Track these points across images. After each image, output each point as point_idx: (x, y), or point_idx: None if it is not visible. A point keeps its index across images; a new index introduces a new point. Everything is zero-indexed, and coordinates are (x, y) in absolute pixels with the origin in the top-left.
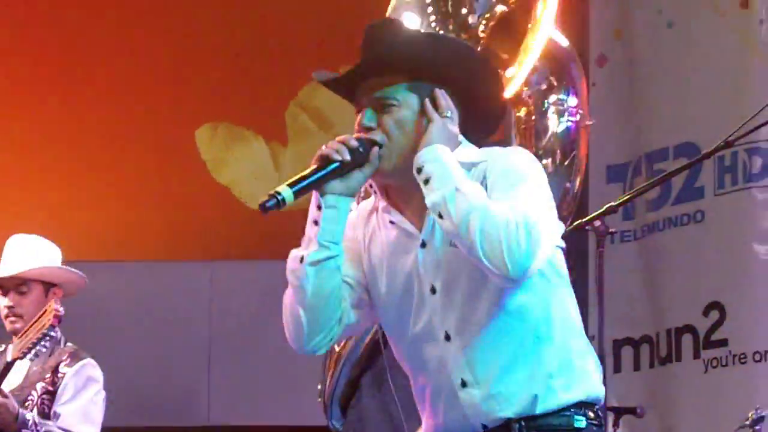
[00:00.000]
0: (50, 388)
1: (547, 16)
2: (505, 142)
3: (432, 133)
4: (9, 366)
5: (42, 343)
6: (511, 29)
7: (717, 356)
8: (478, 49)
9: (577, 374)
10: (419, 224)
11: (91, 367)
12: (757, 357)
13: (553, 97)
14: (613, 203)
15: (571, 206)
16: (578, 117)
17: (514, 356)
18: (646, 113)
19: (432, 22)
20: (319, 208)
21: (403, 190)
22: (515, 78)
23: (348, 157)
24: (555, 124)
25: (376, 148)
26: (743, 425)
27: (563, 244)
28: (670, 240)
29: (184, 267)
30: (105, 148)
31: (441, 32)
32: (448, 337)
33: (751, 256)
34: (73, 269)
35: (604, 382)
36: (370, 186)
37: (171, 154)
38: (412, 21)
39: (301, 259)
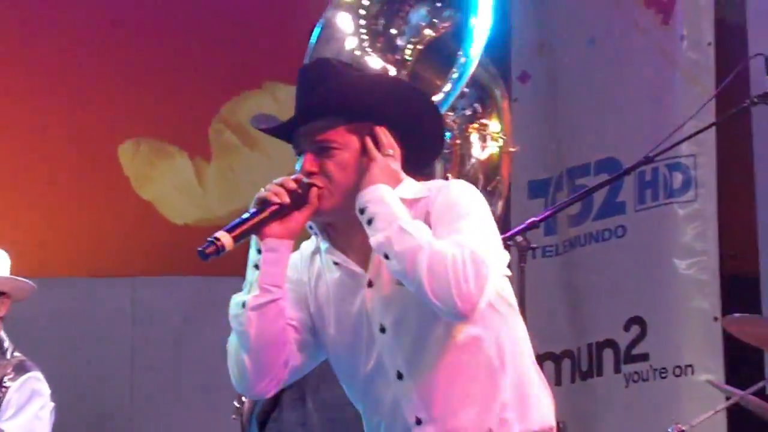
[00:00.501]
0: None
1: (475, 48)
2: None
3: (373, 172)
4: None
5: None
6: (438, 55)
7: (638, 371)
8: (405, 73)
9: (529, 404)
10: (364, 264)
11: (35, 381)
12: (678, 371)
13: (477, 123)
14: (535, 218)
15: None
16: (501, 143)
17: (467, 391)
18: (567, 129)
19: (363, 35)
20: (259, 251)
21: (345, 230)
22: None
23: (287, 200)
24: (478, 150)
25: (315, 189)
26: None
27: (509, 273)
28: (592, 255)
29: (107, 283)
30: (28, 163)
31: (371, 57)
32: (400, 376)
33: (671, 271)
34: (20, 278)
35: None
36: (310, 227)
37: (94, 170)
38: (345, 23)
39: (243, 305)
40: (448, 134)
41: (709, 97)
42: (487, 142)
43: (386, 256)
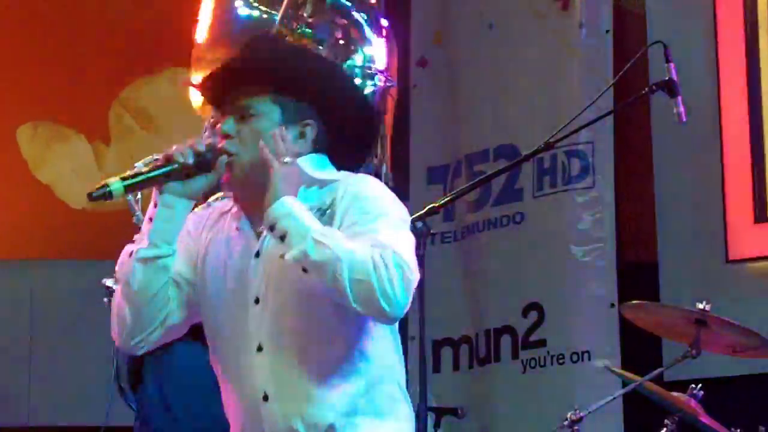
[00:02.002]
0: None
1: None
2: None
3: (276, 184)
4: None
5: None
6: None
7: (535, 356)
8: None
9: (383, 416)
10: (260, 233)
11: None
12: (575, 357)
13: (359, 60)
14: (434, 204)
15: (385, 179)
16: (384, 81)
17: (318, 381)
18: (466, 115)
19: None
20: (155, 205)
21: (251, 201)
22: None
23: (191, 161)
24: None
25: (223, 157)
26: (562, 425)
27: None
28: (490, 241)
29: (3, 266)
30: None
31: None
32: (260, 348)
33: (569, 258)
34: None
35: (425, 383)
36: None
37: None
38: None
39: (131, 254)
40: None
41: (608, 84)
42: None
43: (304, 270)
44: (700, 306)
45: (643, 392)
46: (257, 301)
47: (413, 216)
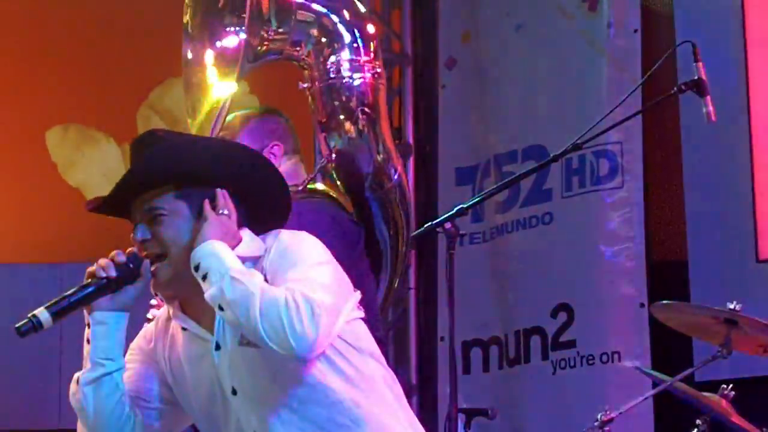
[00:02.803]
0: None
1: None
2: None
3: (205, 230)
4: None
5: None
6: None
7: (565, 357)
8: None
9: None
10: (211, 327)
11: None
12: (605, 358)
13: (345, 54)
14: (463, 205)
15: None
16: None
17: None
18: (494, 116)
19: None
20: (88, 326)
21: (189, 297)
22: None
23: (113, 274)
24: (348, 82)
25: (146, 262)
26: (592, 427)
27: (361, 314)
28: (519, 242)
29: (34, 269)
30: None
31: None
32: None
33: (597, 258)
34: None
35: (455, 383)
36: (155, 294)
37: (21, 156)
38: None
39: (77, 380)
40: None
41: (636, 84)
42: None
43: (220, 308)
44: (731, 306)
45: (674, 393)
46: (234, 392)
47: (441, 217)
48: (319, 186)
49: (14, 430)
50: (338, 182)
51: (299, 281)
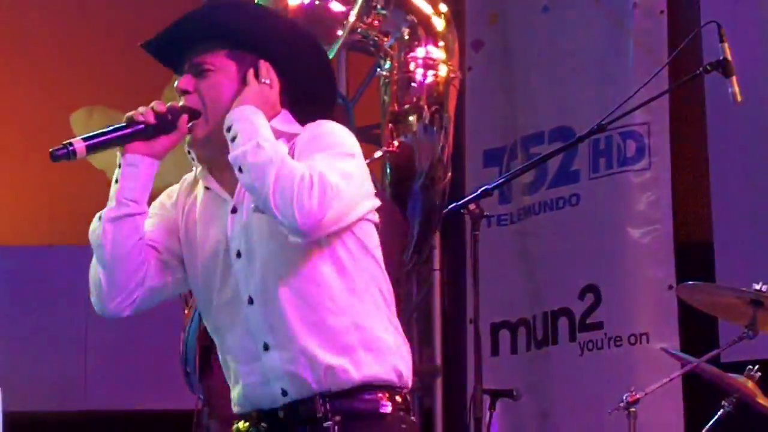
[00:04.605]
0: None
1: None
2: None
3: (245, 94)
4: None
5: None
6: None
7: (593, 339)
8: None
9: (380, 354)
10: (233, 191)
11: None
12: (632, 340)
13: (420, 51)
14: (487, 186)
15: (444, 165)
16: (446, 72)
17: (311, 320)
18: (521, 97)
19: None
20: (119, 166)
21: (218, 158)
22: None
23: (152, 120)
24: (421, 79)
25: (185, 116)
26: (618, 407)
27: (376, 219)
28: (546, 223)
29: (59, 251)
30: None
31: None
32: (251, 301)
33: (625, 240)
34: None
35: (482, 365)
36: (189, 153)
37: (46, 139)
38: None
39: (100, 217)
40: (387, 64)
41: (662, 65)
42: (431, 70)
43: (240, 170)
44: (757, 287)
45: (700, 374)
46: (239, 255)
47: (467, 198)
48: None
49: (41, 411)
50: (388, 171)
51: (322, 162)
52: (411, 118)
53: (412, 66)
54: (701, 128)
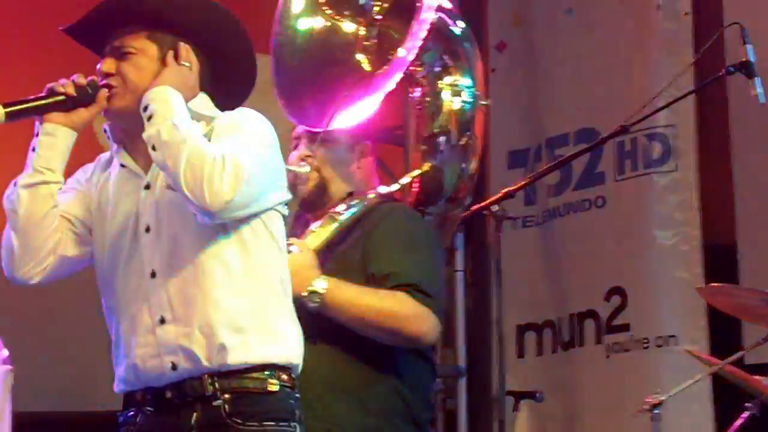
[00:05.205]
0: None
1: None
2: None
3: (164, 75)
4: None
5: None
6: (406, 10)
7: (619, 341)
8: (374, 31)
9: (272, 337)
10: (147, 169)
11: None
12: (659, 342)
13: (448, 78)
14: (510, 188)
15: (468, 187)
16: (473, 97)
17: (209, 301)
18: (546, 98)
19: (324, 6)
20: (37, 135)
21: (133, 135)
22: (404, 59)
23: (72, 92)
24: (450, 104)
25: (104, 90)
26: (642, 410)
27: (285, 212)
28: (572, 225)
29: None
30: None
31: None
32: (153, 275)
33: (651, 242)
34: None
35: (506, 367)
36: (105, 131)
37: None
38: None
39: (15, 183)
40: (418, 90)
41: (686, 66)
42: (458, 96)
43: (153, 148)
44: None
45: (724, 376)
46: (147, 229)
47: (491, 199)
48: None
49: (66, 411)
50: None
51: (237, 147)
52: (440, 139)
53: (441, 92)
54: (724, 130)
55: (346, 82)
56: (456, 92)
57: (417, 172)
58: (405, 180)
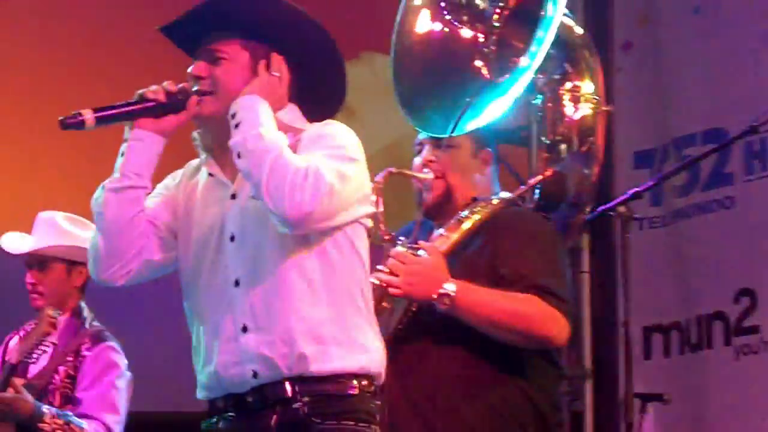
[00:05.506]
0: (72, 372)
1: (559, 5)
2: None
3: (254, 84)
4: (14, 368)
5: (40, 348)
6: (525, 17)
7: (748, 343)
8: (493, 38)
9: (352, 347)
10: (234, 178)
11: (111, 352)
12: None
13: (568, 84)
14: (638, 188)
15: (589, 193)
16: (594, 103)
17: (290, 311)
18: (673, 98)
19: (444, 11)
20: (126, 141)
21: (222, 142)
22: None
23: (162, 98)
24: (571, 111)
25: (195, 98)
26: None
27: (369, 224)
28: (700, 226)
29: None
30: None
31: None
32: (237, 283)
33: None
34: None
35: (630, 368)
36: (194, 140)
37: None
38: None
39: (103, 186)
40: (539, 97)
41: None
42: (579, 103)
43: (239, 155)
44: None
45: None
46: (232, 238)
47: (617, 200)
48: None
49: (154, 412)
50: (537, 196)
51: (322, 160)
52: (562, 146)
53: (563, 99)
54: None
55: (468, 90)
56: (577, 99)
57: (539, 177)
58: (527, 185)
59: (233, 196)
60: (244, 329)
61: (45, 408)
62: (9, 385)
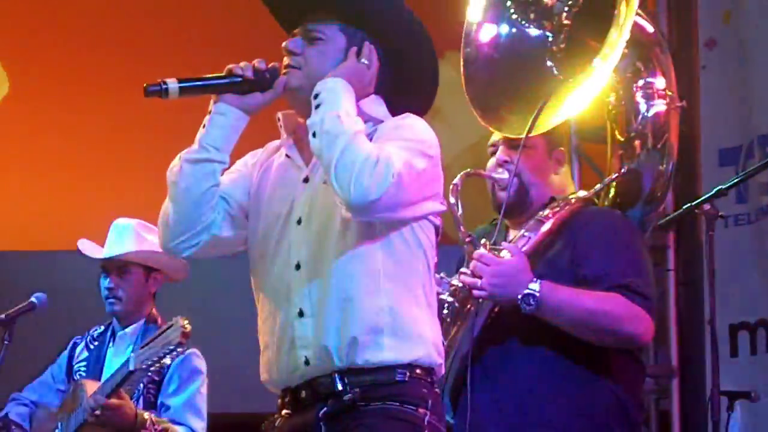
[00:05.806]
0: (156, 378)
1: (632, 5)
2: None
3: (341, 68)
4: (130, 374)
5: (167, 357)
6: (596, 14)
7: None
8: (562, 37)
9: (407, 340)
10: (309, 162)
11: (196, 358)
12: None
13: (641, 81)
14: (722, 186)
15: (665, 188)
16: (667, 99)
17: (348, 298)
18: (758, 96)
19: (511, 10)
20: (210, 113)
21: (303, 127)
22: (602, 70)
23: (250, 75)
24: (644, 108)
25: (283, 78)
26: None
27: (438, 222)
28: None
29: None
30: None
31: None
32: (298, 266)
33: None
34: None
35: (717, 366)
36: (278, 120)
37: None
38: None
39: (180, 157)
40: (612, 95)
41: None
42: (653, 100)
43: (314, 135)
44: None
45: None
46: (299, 221)
47: (702, 198)
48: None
49: (228, 413)
50: (612, 194)
51: (395, 151)
52: (636, 143)
53: (635, 96)
54: None
55: (541, 90)
56: (650, 96)
57: (614, 175)
58: (603, 184)
59: (306, 180)
60: (301, 314)
61: (146, 415)
62: (116, 393)
